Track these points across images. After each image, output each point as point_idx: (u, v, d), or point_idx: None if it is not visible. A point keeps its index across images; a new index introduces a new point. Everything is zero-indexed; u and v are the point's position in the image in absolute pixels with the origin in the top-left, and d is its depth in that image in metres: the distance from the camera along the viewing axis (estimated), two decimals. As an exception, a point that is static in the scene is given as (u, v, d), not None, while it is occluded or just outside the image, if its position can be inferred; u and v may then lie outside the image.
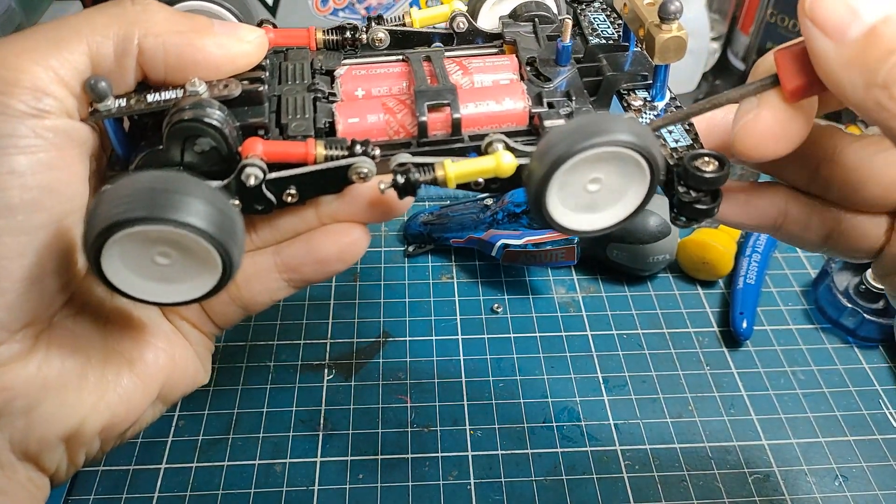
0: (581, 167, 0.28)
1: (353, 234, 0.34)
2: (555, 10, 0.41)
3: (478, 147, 0.32)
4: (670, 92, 0.34)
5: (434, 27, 0.39)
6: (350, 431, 0.47)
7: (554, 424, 0.47)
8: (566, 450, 0.46)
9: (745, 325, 0.52)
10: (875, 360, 0.52)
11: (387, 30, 0.37)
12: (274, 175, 0.30)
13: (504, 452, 0.46)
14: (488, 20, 0.41)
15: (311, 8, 0.74)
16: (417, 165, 0.31)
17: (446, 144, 0.33)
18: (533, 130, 0.33)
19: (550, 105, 0.33)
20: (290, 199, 0.31)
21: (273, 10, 0.74)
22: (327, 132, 0.32)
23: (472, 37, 0.38)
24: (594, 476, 0.45)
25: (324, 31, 0.37)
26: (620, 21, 0.35)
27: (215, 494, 0.43)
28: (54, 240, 0.28)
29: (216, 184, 0.30)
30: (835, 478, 0.45)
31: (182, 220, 0.25)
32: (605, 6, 0.40)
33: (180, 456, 0.45)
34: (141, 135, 0.31)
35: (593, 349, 0.52)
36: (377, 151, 0.31)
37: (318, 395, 0.49)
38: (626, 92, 0.35)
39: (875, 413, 0.48)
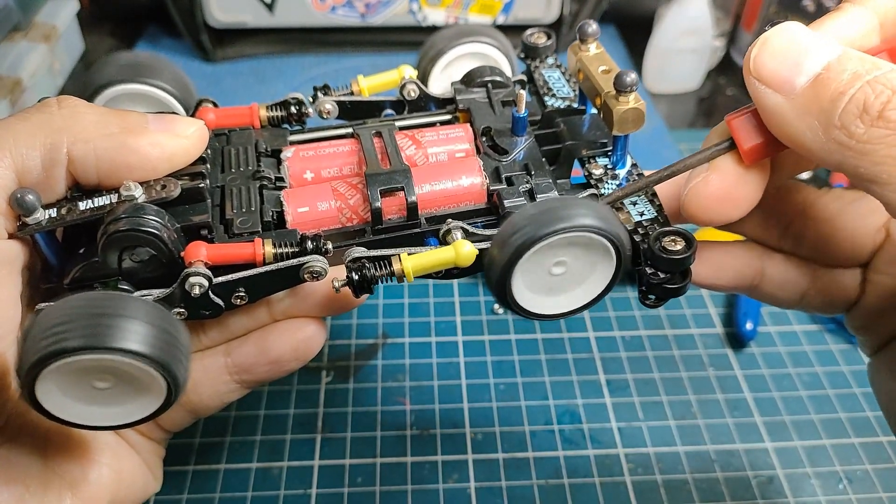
0: (545, 252, 0.27)
1: (307, 330, 0.33)
2: (508, 71, 0.40)
3: (436, 231, 0.31)
4: (631, 158, 0.34)
5: (384, 94, 0.38)
6: (348, 434, 0.46)
7: (555, 427, 0.47)
8: (568, 453, 0.45)
9: (749, 326, 0.52)
10: (880, 361, 0.51)
11: (335, 101, 0.36)
12: (221, 279, 0.29)
13: (505, 455, 0.45)
14: (439, 83, 0.40)
15: (309, 5, 0.73)
16: (373, 259, 0.30)
17: (402, 230, 0.31)
18: (492, 209, 0.32)
19: (509, 181, 0.32)
20: (239, 301, 0.30)
21: (271, 7, 0.73)
22: (276, 224, 0.31)
23: (424, 103, 0.37)
24: (596, 479, 0.44)
25: (267, 108, 0.36)
26: (576, 78, 0.35)
27: (212, 497, 0.43)
28: None
29: (158, 293, 0.28)
30: (839, 480, 0.45)
31: (121, 347, 0.23)
32: (558, 63, 0.39)
33: (177, 459, 0.45)
34: (76, 240, 0.30)
35: (595, 351, 0.51)
36: (329, 246, 0.30)
37: (316, 397, 0.48)
38: (586, 159, 0.34)
39: (879, 415, 0.48)
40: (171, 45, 0.78)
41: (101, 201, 0.28)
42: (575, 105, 0.36)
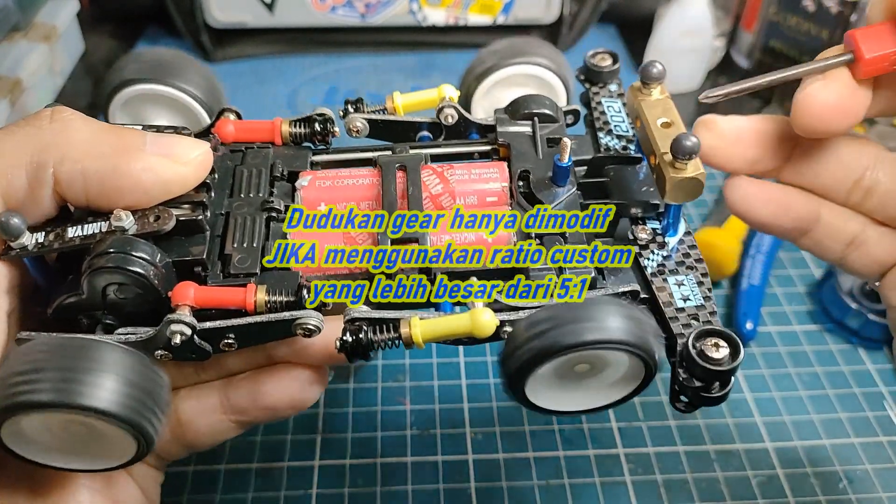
0: (571, 357, 0.25)
1: (303, 378, 0.32)
2: (562, 97, 0.36)
3: (453, 290, 0.28)
4: (685, 224, 0.30)
5: (421, 113, 0.35)
6: (349, 434, 0.46)
7: (555, 427, 0.47)
8: (568, 453, 0.45)
9: (749, 326, 0.52)
10: (879, 361, 0.51)
11: (366, 118, 0.33)
12: (207, 325, 0.27)
13: (505, 456, 0.45)
14: (484, 104, 0.37)
15: (309, 5, 0.73)
16: (374, 322, 0.27)
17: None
18: (517, 271, 0.29)
19: (540, 242, 0.29)
20: (227, 348, 0.28)
21: (271, 7, 0.73)
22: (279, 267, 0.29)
23: (463, 128, 0.34)
24: (596, 479, 0.44)
25: (290, 123, 0.33)
26: (634, 125, 0.32)
27: (213, 498, 0.43)
28: None
29: (143, 332, 0.27)
30: (839, 480, 0.45)
31: (89, 406, 0.22)
32: (622, 91, 0.35)
33: (176, 460, 0.44)
34: (69, 262, 0.28)
35: (595, 350, 0.51)
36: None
37: (316, 397, 0.48)
38: (634, 219, 0.30)
39: (879, 415, 0.48)
40: (171, 46, 0.78)
41: (90, 229, 0.27)
42: (631, 149, 0.33)
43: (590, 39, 0.79)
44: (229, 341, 0.28)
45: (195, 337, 0.27)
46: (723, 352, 0.25)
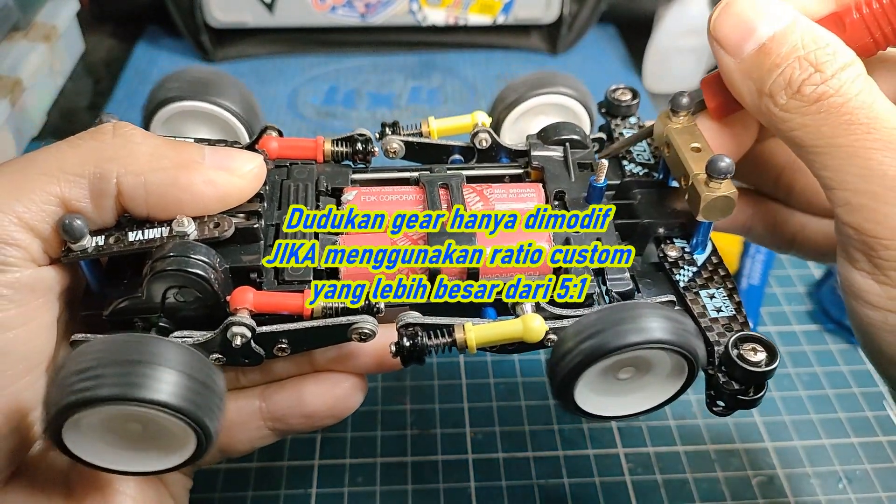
0: (617, 359, 0.26)
1: (345, 386, 0.32)
2: (586, 124, 0.38)
3: (497, 301, 0.30)
4: (712, 243, 0.32)
5: (453, 137, 0.37)
6: (349, 434, 0.46)
7: (555, 427, 0.47)
8: (568, 452, 0.45)
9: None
10: (880, 361, 0.51)
11: (402, 141, 0.35)
12: (264, 329, 0.28)
13: (505, 455, 0.45)
14: (512, 133, 0.39)
15: (309, 5, 0.73)
16: (427, 327, 0.28)
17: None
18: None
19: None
20: (280, 353, 0.29)
21: (271, 7, 0.73)
22: (329, 273, 0.30)
23: (495, 152, 0.36)
24: (596, 479, 0.44)
25: (332, 142, 0.34)
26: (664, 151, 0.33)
27: (213, 497, 0.43)
28: (3, 406, 0.26)
29: (199, 335, 0.28)
30: (839, 480, 0.45)
31: (153, 399, 0.23)
32: (641, 124, 0.37)
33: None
34: (121, 268, 0.29)
35: (595, 350, 0.51)
36: (381, 305, 0.28)
37: (316, 397, 0.48)
38: (663, 238, 0.32)
39: (879, 414, 0.48)
40: (171, 45, 0.78)
41: (151, 234, 0.28)
42: (655, 174, 0.35)
43: (590, 39, 0.79)
44: (283, 346, 0.28)
45: (252, 341, 0.27)
46: (760, 356, 0.27)
